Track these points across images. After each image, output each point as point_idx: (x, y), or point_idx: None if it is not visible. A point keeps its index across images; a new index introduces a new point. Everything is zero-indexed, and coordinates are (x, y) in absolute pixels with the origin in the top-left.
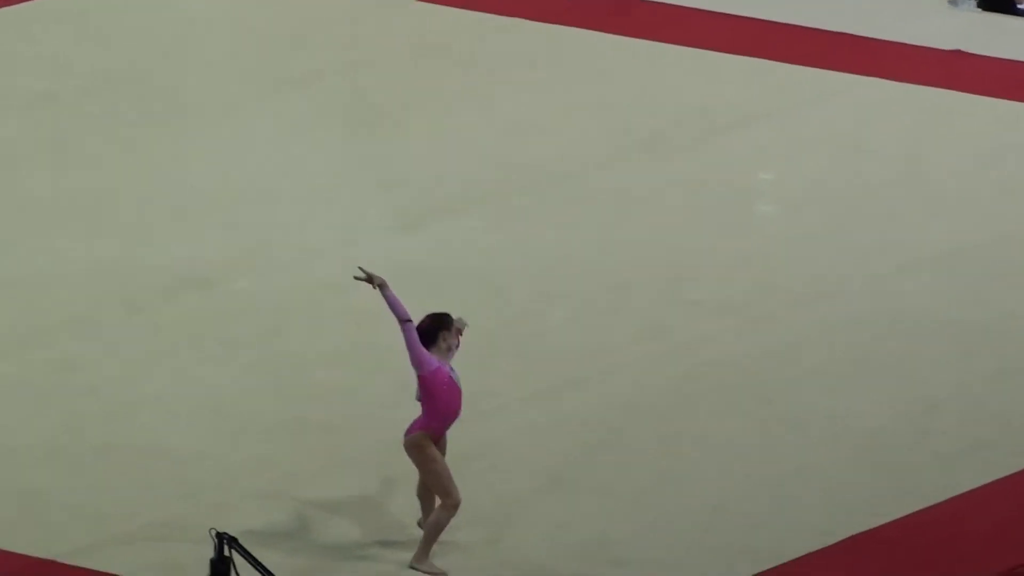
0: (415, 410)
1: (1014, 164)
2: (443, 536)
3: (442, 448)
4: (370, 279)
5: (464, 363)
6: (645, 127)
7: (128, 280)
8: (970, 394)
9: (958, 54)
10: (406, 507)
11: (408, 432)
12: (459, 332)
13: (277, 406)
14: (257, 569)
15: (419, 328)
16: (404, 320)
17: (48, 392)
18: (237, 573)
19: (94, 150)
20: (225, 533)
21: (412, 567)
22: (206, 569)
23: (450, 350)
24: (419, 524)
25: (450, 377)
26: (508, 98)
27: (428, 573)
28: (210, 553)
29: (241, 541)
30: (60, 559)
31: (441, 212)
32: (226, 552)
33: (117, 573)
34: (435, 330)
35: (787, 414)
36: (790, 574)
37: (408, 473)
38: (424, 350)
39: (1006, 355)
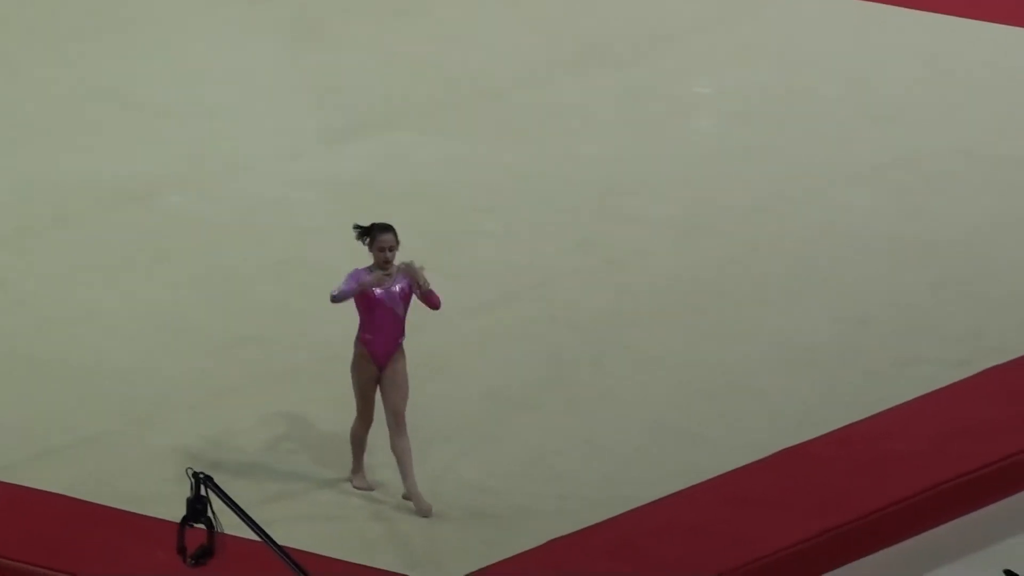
0: (353, 323)
1: (955, 78)
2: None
3: (392, 367)
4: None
5: None
6: (582, 39)
7: (59, 193)
8: (904, 308)
9: None
10: (339, 420)
11: None
12: (387, 250)
13: (212, 320)
14: (231, 508)
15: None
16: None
17: None
18: (213, 512)
19: (27, 60)
20: (201, 472)
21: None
22: (139, 481)
23: (381, 264)
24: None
25: (368, 292)
26: (446, 10)
27: (359, 488)
28: (137, 466)
29: (179, 455)
30: None
31: (378, 125)
32: (202, 491)
33: (49, 489)
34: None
35: (723, 328)
36: (725, 487)
37: (345, 384)
38: (347, 281)
39: (941, 269)
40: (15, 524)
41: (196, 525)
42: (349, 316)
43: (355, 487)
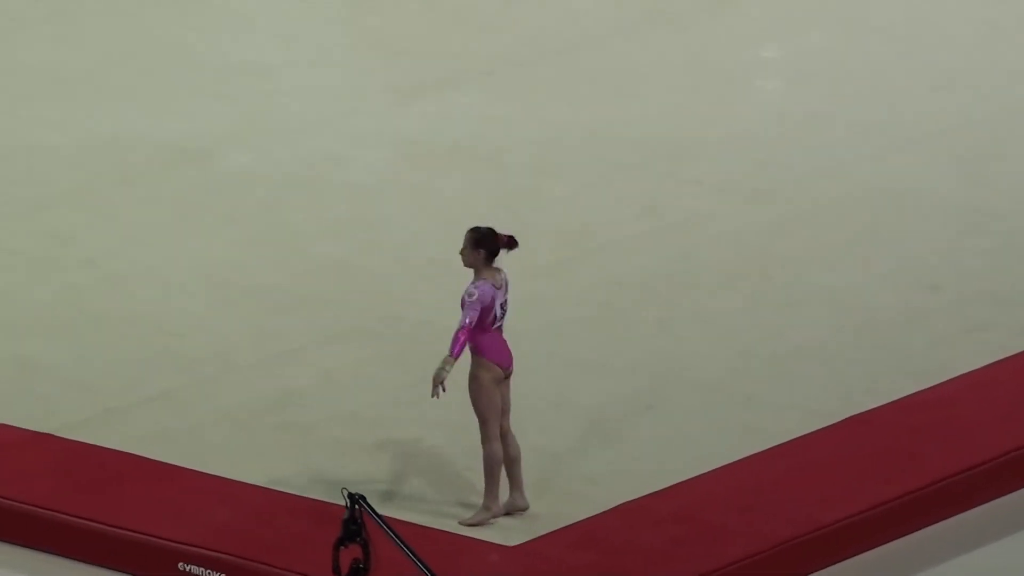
0: (412, 282)
1: (1015, 42)
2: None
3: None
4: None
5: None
6: (645, 0)
7: (125, 152)
8: (970, 274)
9: None
10: (400, 379)
11: None
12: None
13: (274, 279)
14: (384, 529)
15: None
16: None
17: (45, 263)
18: (367, 532)
19: (94, 21)
20: (356, 493)
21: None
22: (203, 439)
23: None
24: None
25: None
26: None
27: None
28: (201, 424)
29: (238, 414)
30: (56, 432)
31: (440, 85)
32: (356, 511)
33: (114, 447)
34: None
35: (786, 292)
36: (789, 455)
37: (407, 343)
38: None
39: (1005, 235)
40: (81, 481)
41: (351, 545)
42: (411, 277)
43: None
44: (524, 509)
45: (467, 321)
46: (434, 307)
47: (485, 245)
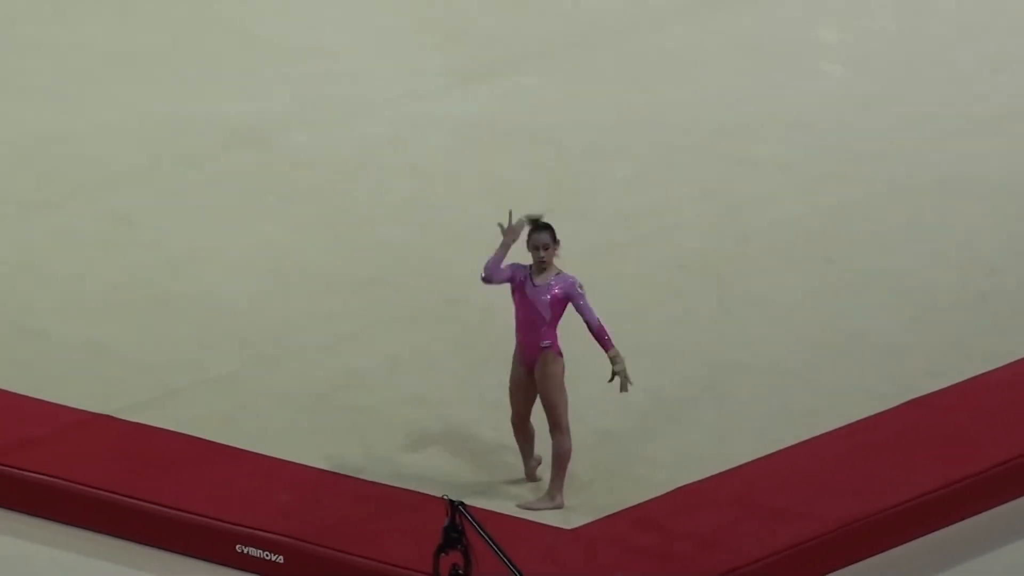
0: (475, 265)
1: None
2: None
3: (540, 371)
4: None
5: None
6: None
7: (187, 133)
8: None
9: None
10: (468, 361)
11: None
12: (540, 248)
13: (335, 261)
14: (483, 537)
15: None
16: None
17: (108, 244)
18: (467, 539)
19: (154, 2)
20: (458, 500)
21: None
22: (264, 422)
23: (537, 263)
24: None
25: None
26: None
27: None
28: (261, 406)
29: (300, 397)
30: (117, 414)
31: (500, 68)
32: (457, 520)
33: (175, 428)
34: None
35: (846, 275)
36: (849, 438)
37: (468, 325)
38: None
39: None
40: (141, 463)
41: (452, 552)
42: (472, 260)
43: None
44: (554, 507)
45: (597, 317)
46: (495, 290)
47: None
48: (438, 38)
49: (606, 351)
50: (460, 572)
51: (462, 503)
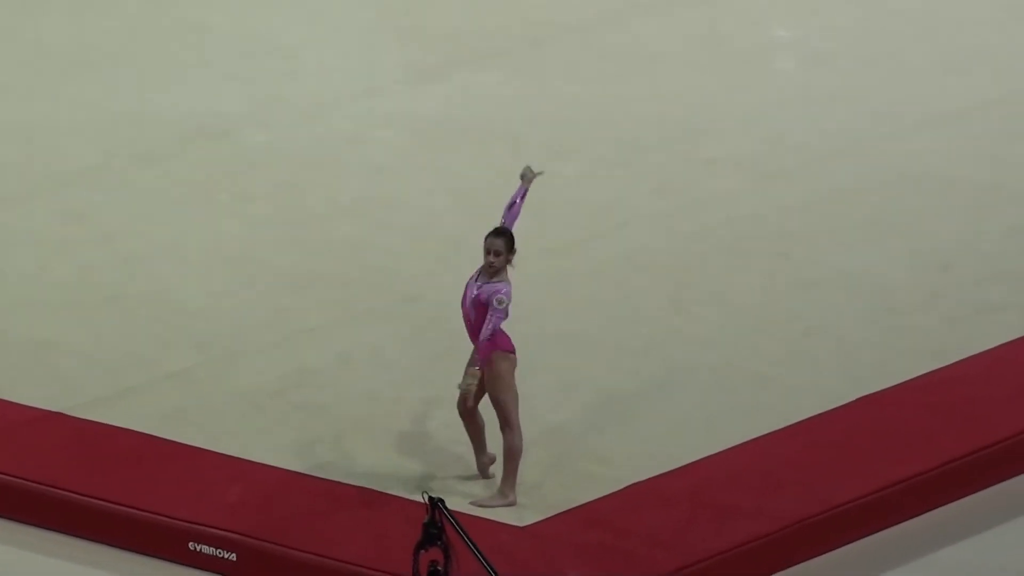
0: (431, 262)
1: None
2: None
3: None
4: None
5: (479, 217)
6: None
7: (142, 130)
8: (983, 254)
9: None
10: (423, 358)
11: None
12: (490, 253)
13: (292, 258)
14: (461, 536)
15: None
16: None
17: (60, 242)
18: (447, 535)
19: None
20: (438, 497)
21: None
22: (219, 419)
23: (486, 268)
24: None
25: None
26: None
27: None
28: (216, 404)
29: (254, 394)
30: (70, 412)
31: (458, 64)
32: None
33: (129, 426)
34: None
35: (800, 272)
36: (802, 434)
37: (424, 323)
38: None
39: (1021, 215)
40: (94, 460)
41: (431, 549)
42: (427, 258)
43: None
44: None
45: (491, 331)
46: (450, 287)
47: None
48: (395, 35)
49: (470, 364)
50: (439, 569)
51: (441, 499)
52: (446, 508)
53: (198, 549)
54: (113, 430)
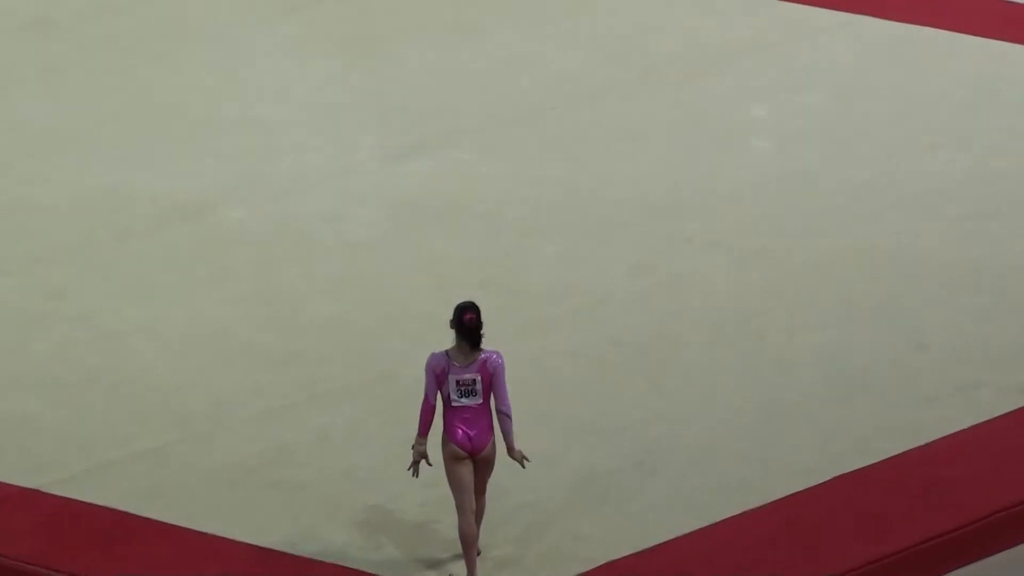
0: (406, 341)
1: (1006, 102)
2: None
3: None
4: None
5: (455, 295)
6: (638, 60)
7: (120, 208)
8: (960, 333)
9: None
10: (399, 437)
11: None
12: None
13: (269, 337)
14: None
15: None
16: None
17: (39, 319)
18: None
19: (88, 76)
20: None
21: None
22: (193, 496)
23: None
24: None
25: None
26: (502, 29)
27: None
28: (191, 480)
29: (230, 471)
30: (45, 488)
31: (434, 143)
32: None
33: (103, 503)
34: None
35: (777, 351)
36: (780, 512)
37: (401, 401)
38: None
39: (996, 294)
40: (70, 538)
41: None
42: (407, 334)
43: None
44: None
45: (424, 392)
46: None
47: (452, 320)
48: (372, 114)
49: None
50: None
51: None
52: None
53: None
54: (89, 507)
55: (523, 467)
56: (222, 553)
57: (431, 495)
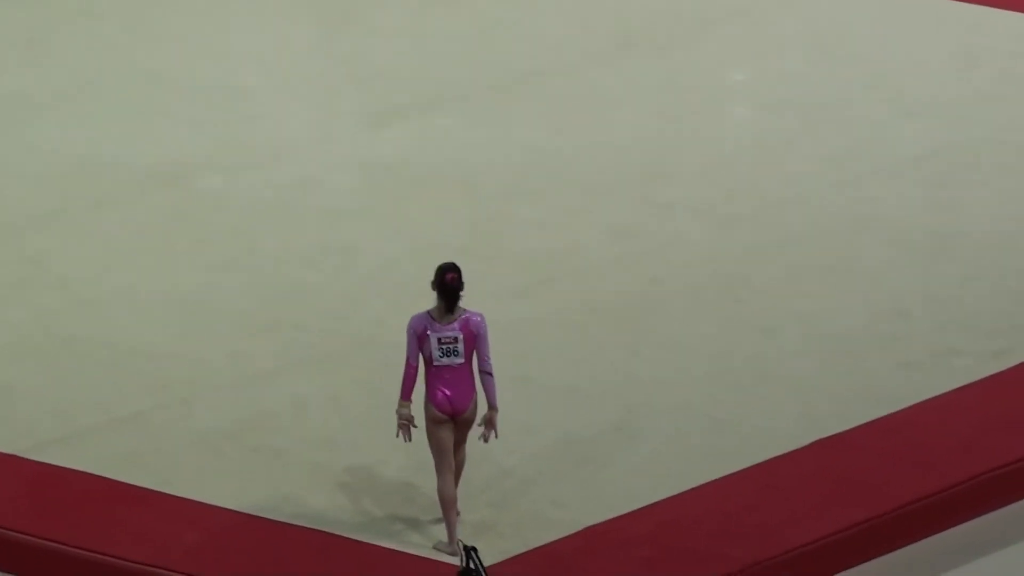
0: (385, 307)
1: (986, 69)
2: None
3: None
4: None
5: (434, 261)
6: (619, 26)
7: (97, 175)
8: (939, 300)
9: None
10: (378, 402)
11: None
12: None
13: (247, 303)
14: None
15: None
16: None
17: (16, 286)
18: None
19: (67, 46)
20: (470, 546)
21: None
22: (173, 462)
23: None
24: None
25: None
26: None
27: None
28: (170, 447)
29: (209, 437)
30: (24, 454)
31: (414, 109)
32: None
33: (82, 468)
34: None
35: (756, 317)
36: (758, 477)
37: (379, 367)
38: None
39: (977, 261)
40: (48, 503)
41: None
42: (383, 302)
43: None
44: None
45: (406, 355)
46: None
47: (434, 281)
48: (352, 80)
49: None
50: None
51: (474, 548)
52: (477, 556)
53: None
54: (68, 473)
55: (485, 441)
56: (201, 518)
57: (411, 459)
